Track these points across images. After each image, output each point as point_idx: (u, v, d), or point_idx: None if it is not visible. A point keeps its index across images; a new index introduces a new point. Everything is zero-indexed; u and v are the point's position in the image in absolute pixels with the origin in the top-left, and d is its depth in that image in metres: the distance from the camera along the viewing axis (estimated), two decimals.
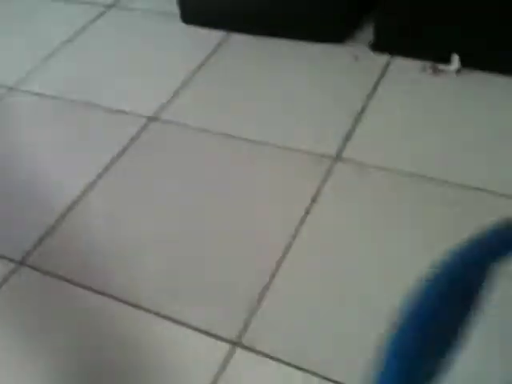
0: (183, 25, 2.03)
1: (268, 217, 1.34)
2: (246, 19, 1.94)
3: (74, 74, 1.90)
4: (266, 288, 1.18)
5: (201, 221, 1.36)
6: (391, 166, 1.39)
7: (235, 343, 1.09)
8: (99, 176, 1.50)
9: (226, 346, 1.09)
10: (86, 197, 1.45)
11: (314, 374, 1.02)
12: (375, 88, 1.64)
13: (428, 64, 1.66)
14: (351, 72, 1.73)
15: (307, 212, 1.32)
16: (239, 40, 1.93)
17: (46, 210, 1.44)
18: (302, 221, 1.30)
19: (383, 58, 1.73)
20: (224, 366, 1.06)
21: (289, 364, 1.04)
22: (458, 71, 1.62)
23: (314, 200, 1.34)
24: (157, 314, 1.17)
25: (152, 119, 1.67)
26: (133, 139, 1.60)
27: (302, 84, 1.71)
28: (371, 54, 1.75)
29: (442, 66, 1.64)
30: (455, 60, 1.62)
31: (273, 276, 1.20)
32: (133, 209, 1.42)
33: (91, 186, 1.48)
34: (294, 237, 1.27)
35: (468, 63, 1.62)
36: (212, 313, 1.15)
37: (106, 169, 1.52)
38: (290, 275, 1.19)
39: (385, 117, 1.55)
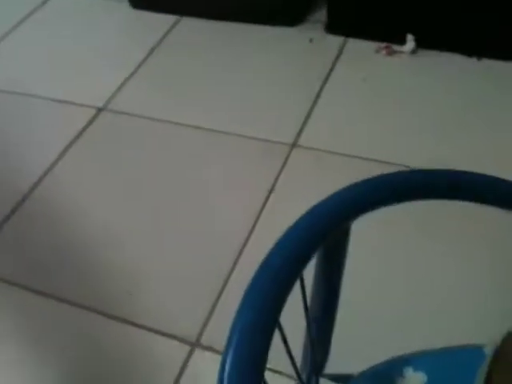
0: (132, 9, 1.95)
1: (226, 207, 1.30)
2: (197, 2, 1.88)
3: (18, 67, 1.80)
4: (224, 283, 1.14)
5: (156, 212, 1.31)
6: (346, 151, 1.37)
7: (194, 344, 1.06)
8: (50, 167, 1.43)
9: (185, 347, 1.05)
10: (37, 188, 1.38)
11: (276, 372, 1.00)
12: (331, 71, 1.61)
13: (383, 45, 1.63)
14: (306, 55, 1.69)
15: (265, 200, 1.28)
16: (190, 24, 1.87)
17: None
18: (261, 209, 1.27)
19: (338, 40, 1.70)
20: (184, 367, 1.02)
21: None
22: (413, 52, 1.61)
23: (272, 188, 1.31)
24: (113, 316, 1.12)
25: (101, 109, 1.60)
26: (82, 130, 1.53)
27: (257, 69, 1.66)
28: (326, 36, 1.72)
29: (396, 47, 1.62)
30: (410, 40, 1.60)
31: (230, 273, 1.16)
32: (84, 201, 1.35)
33: (41, 179, 1.41)
34: (253, 227, 1.23)
35: (423, 43, 1.60)
36: (170, 314, 1.11)
37: (56, 161, 1.45)
38: (249, 269, 1.16)
39: (340, 100, 1.53)
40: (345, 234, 0.54)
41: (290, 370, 0.55)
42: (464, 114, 1.45)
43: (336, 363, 0.71)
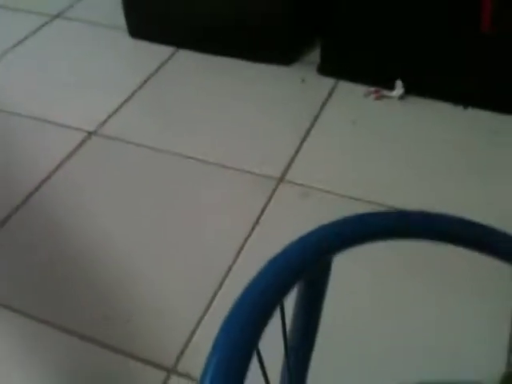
0: (130, 39, 1.99)
1: (210, 236, 1.31)
2: (194, 36, 1.92)
3: (13, 84, 1.82)
4: (205, 311, 1.14)
5: (141, 240, 1.31)
6: (332, 189, 1.39)
7: (170, 370, 1.05)
8: (36, 189, 1.43)
9: (161, 374, 1.04)
10: (20, 212, 1.38)
11: None
12: (321, 111, 1.65)
13: (372, 89, 1.68)
14: (298, 94, 1.73)
15: (251, 231, 1.30)
16: (187, 56, 1.91)
17: None
18: (245, 241, 1.28)
19: (329, 82, 1.74)
20: None
21: None
22: (401, 97, 1.66)
23: (257, 220, 1.32)
24: (86, 337, 1.11)
25: (92, 133, 1.61)
26: (71, 154, 1.54)
27: (249, 104, 1.70)
28: (318, 76, 1.77)
29: (385, 92, 1.67)
30: (398, 86, 1.65)
31: (212, 299, 1.16)
32: (69, 225, 1.35)
33: (27, 199, 1.41)
34: (236, 257, 1.24)
35: (411, 90, 1.65)
36: (148, 339, 1.11)
37: (42, 183, 1.45)
38: (228, 300, 1.16)
39: (329, 140, 1.56)
40: (326, 268, 0.55)
41: None
42: (449, 161, 1.48)
43: None
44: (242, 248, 1.27)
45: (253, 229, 1.31)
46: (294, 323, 0.59)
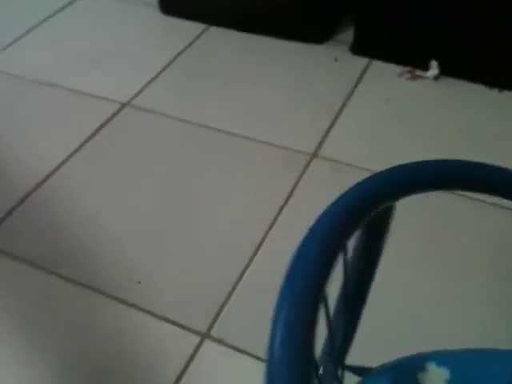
0: (162, 15, 1.99)
1: (244, 209, 1.31)
2: (226, 13, 1.92)
3: (46, 57, 1.83)
4: (237, 281, 1.14)
5: (173, 210, 1.32)
6: (364, 165, 1.38)
7: (204, 335, 1.05)
8: (67, 158, 1.44)
9: (195, 338, 1.05)
10: (51, 179, 1.39)
11: None
12: (353, 90, 1.64)
13: (406, 69, 1.66)
14: (331, 72, 1.72)
15: (283, 205, 1.29)
16: (218, 33, 1.90)
17: (9, 190, 1.37)
18: (278, 214, 1.28)
19: (362, 61, 1.73)
20: (193, 357, 1.02)
21: (257, 358, 1.01)
22: (436, 78, 1.64)
23: (290, 193, 1.32)
24: (125, 302, 1.11)
25: (125, 105, 1.62)
26: (104, 124, 1.55)
27: (281, 81, 1.69)
28: (351, 55, 1.75)
29: (419, 72, 1.65)
30: (433, 66, 1.63)
31: (245, 269, 1.17)
32: (100, 194, 1.36)
33: (57, 168, 1.42)
34: (269, 229, 1.24)
35: (446, 70, 1.63)
36: (183, 304, 1.11)
37: (74, 152, 1.46)
38: (263, 268, 1.16)
39: (361, 117, 1.55)
40: (388, 213, 0.55)
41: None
42: (481, 144, 1.46)
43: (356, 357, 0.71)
44: (275, 220, 1.27)
45: (286, 201, 1.31)
46: (351, 271, 0.59)
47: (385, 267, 0.66)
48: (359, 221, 0.50)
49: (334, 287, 0.52)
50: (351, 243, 0.58)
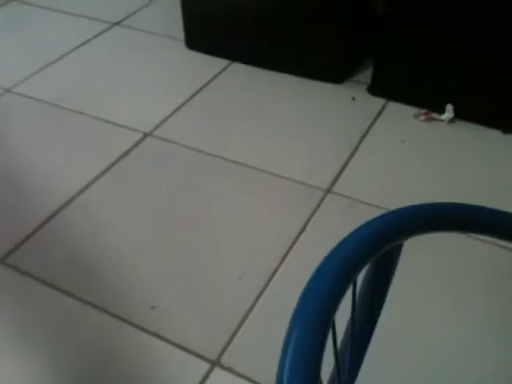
0: (187, 50, 2.07)
1: (257, 242, 1.34)
2: (249, 51, 1.98)
3: (74, 84, 1.91)
4: (250, 309, 1.17)
5: (189, 237, 1.35)
6: (378, 203, 1.41)
7: (214, 362, 1.08)
8: (88, 185, 1.49)
9: (205, 365, 1.07)
10: (73, 203, 1.44)
11: None
12: (369, 128, 1.68)
13: (422, 111, 1.71)
14: (348, 110, 1.77)
15: (296, 238, 1.32)
16: (240, 70, 1.97)
17: (30, 212, 1.42)
18: (290, 248, 1.31)
19: (379, 101, 1.78)
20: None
21: None
22: (451, 121, 1.68)
23: (304, 227, 1.35)
24: (134, 324, 1.15)
25: (147, 135, 1.67)
26: (126, 152, 1.60)
27: (300, 118, 1.74)
28: (368, 95, 1.80)
29: (435, 115, 1.69)
30: (449, 110, 1.67)
31: (257, 299, 1.19)
32: (119, 220, 1.41)
33: (79, 193, 1.47)
34: (281, 263, 1.27)
35: (461, 114, 1.67)
36: (194, 330, 1.14)
37: (96, 178, 1.51)
38: (275, 298, 1.19)
39: (376, 156, 1.59)
40: (396, 251, 0.58)
41: None
42: (494, 188, 1.49)
43: None
44: (287, 253, 1.30)
45: (299, 235, 1.34)
46: (357, 310, 0.61)
47: (396, 306, 0.69)
48: (370, 256, 0.53)
49: (341, 322, 0.56)
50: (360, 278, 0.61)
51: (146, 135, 1.67)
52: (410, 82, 1.75)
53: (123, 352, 1.11)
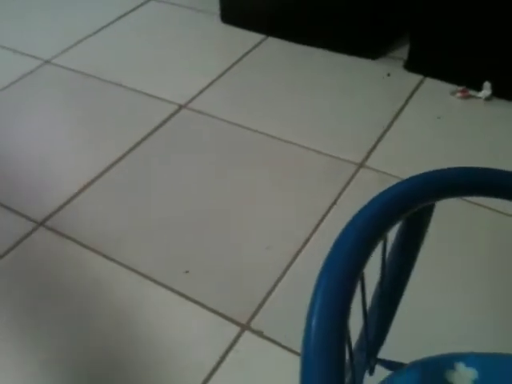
0: (222, 24, 2.08)
1: (287, 214, 1.36)
2: (284, 25, 1.98)
3: (111, 57, 1.94)
4: (279, 278, 1.19)
5: (222, 209, 1.38)
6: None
7: (244, 326, 1.11)
8: (124, 155, 1.53)
9: (235, 328, 1.10)
10: (108, 172, 1.48)
11: None
12: (404, 105, 1.67)
13: (459, 88, 1.68)
14: (383, 86, 1.76)
15: (327, 211, 1.34)
16: (275, 44, 1.97)
17: (69, 179, 1.46)
18: (320, 222, 1.32)
19: (415, 78, 1.76)
20: (231, 347, 1.07)
21: (294, 352, 1.05)
22: (488, 99, 1.65)
23: (335, 201, 1.36)
24: (169, 288, 1.18)
25: (182, 107, 1.70)
26: (162, 123, 1.63)
27: (333, 93, 1.74)
28: (404, 72, 1.79)
29: (472, 92, 1.67)
30: (486, 87, 1.64)
31: (288, 266, 1.21)
32: (154, 186, 1.44)
33: (117, 161, 1.51)
34: (313, 233, 1.29)
35: (499, 92, 1.64)
36: (225, 294, 1.17)
37: (132, 148, 1.55)
38: (305, 268, 1.21)
39: (411, 132, 1.58)
40: (428, 212, 0.59)
41: None
42: None
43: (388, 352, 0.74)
44: (317, 226, 1.31)
45: (330, 209, 1.35)
46: (389, 268, 0.63)
47: (426, 268, 0.70)
48: (400, 214, 0.54)
49: (372, 281, 0.57)
50: (391, 239, 0.62)
51: (181, 107, 1.70)
52: (447, 59, 1.72)
53: (156, 314, 1.15)
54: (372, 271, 0.57)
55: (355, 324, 0.57)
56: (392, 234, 0.60)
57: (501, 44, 1.61)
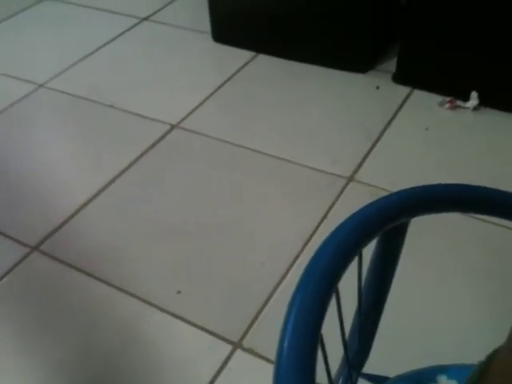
0: (213, 42, 2.11)
1: (279, 230, 1.37)
2: (274, 42, 2.01)
3: (104, 79, 1.97)
4: (270, 295, 1.20)
5: (214, 223, 1.39)
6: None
7: (236, 344, 1.11)
8: (117, 176, 1.55)
9: (227, 347, 1.11)
10: (103, 193, 1.50)
11: None
12: (393, 117, 1.69)
13: (447, 99, 1.70)
14: (372, 99, 1.78)
15: (318, 225, 1.35)
16: (266, 61, 1.99)
17: (64, 201, 1.48)
18: (311, 236, 1.33)
19: (404, 90, 1.78)
20: (224, 365, 1.08)
21: None
22: (476, 108, 1.67)
23: (325, 215, 1.38)
24: (162, 309, 1.19)
25: (175, 127, 1.72)
26: (155, 143, 1.65)
27: (324, 108, 1.76)
28: (393, 84, 1.81)
29: (460, 102, 1.69)
30: (473, 97, 1.66)
31: (278, 285, 1.22)
32: (147, 208, 1.46)
33: (110, 183, 1.53)
34: (302, 250, 1.30)
35: (486, 101, 1.66)
36: (219, 313, 1.18)
37: (125, 169, 1.57)
38: (295, 284, 1.21)
39: (400, 144, 1.60)
40: (402, 229, 0.60)
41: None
42: None
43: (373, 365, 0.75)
44: (308, 240, 1.33)
45: (320, 223, 1.37)
46: (366, 287, 0.64)
47: (408, 282, 0.71)
48: (375, 231, 0.56)
49: (354, 295, 0.58)
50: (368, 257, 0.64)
51: (173, 127, 1.72)
52: (435, 70, 1.74)
53: (149, 334, 1.16)
54: (353, 286, 0.58)
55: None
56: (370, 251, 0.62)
57: (486, 54, 1.63)
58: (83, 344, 1.15)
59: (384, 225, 0.56)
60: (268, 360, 1.08)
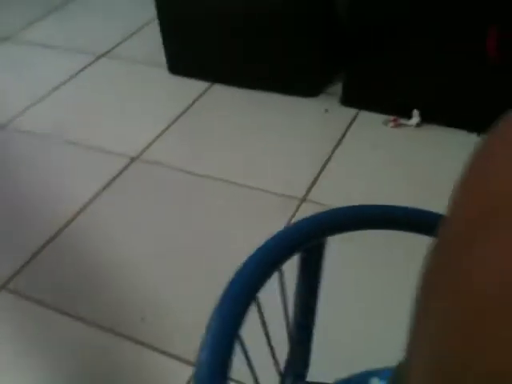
0: (169, 75, 2.19)
1: (234, 254, 1.43)
2: (227, 72, 2.10)
3: (63, 116, 2.03)
4: None
5: (177, 253, 1.46)
6: None
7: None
8: (80, 211, 1.60)
9: (190, 369, 1.17)
10: (66, 229, 1.55)
11: None
12: (342, 137, 1.79)
13: (391, 118, 1.81)
14: (321, 122, 1.87)
15: None
16: (221, 90, 2.08)
17: (32, 236, 1.53)
18: None
19: (351, 111, 1.88)
20: None
21: None
22: (418, 125, 1.78)
23: None
24: (127, 336, 1.25)
25: (134, 159, 1.78)
26: (115, 177, 1.71)
27: (276, 132, 1.85)
28: (340, 107, 1.91)
29: (403, 120, 1.79)
30: (415, 115, 1.77)
31: None
32: (111, 242, 1.51)
33: (70, 222, 1.58)
34: None
35: (427, 118, 1.77)
36: (183, 338, 1.24)
37: (88, 203, 1.62)
38: None
39: (349, 163, 1.69)
40: (321, 247, 0.68)
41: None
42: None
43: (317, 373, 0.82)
44: None
45: None
46: (297, 300, 0.71)
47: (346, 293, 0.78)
48: (294, 249, 0.64)
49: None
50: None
51: (132, 159, 1.78)
52: (379, 92, 1.85)
53: (114, 365, 1.21)
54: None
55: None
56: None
57: (425, 75, 1.74)
58: (50, 376, 1.19)
59: (299, 245, 0.64)
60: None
